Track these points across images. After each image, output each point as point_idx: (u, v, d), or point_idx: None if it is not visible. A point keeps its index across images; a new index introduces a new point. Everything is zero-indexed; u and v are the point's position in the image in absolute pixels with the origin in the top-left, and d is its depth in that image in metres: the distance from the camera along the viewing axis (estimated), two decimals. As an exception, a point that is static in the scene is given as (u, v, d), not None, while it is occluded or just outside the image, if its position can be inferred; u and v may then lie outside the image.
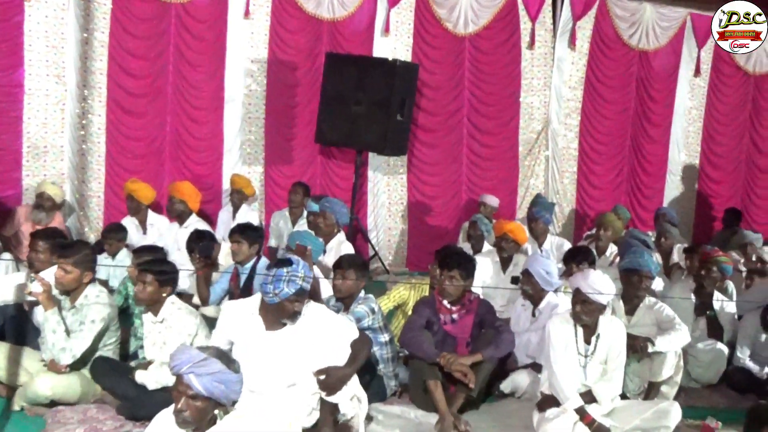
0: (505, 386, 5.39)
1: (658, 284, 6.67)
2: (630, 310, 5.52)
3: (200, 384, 3.12)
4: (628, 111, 10.53)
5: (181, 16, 8.52)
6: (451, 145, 9.74)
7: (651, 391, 5.17)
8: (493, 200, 9.18)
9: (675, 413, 4.70)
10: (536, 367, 5.36)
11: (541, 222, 7.98)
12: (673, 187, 10.93)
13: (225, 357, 3.29)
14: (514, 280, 6.67)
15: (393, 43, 9.32)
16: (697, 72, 10.73)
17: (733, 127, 11.13)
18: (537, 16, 9.81)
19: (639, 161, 10.69)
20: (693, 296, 6.26)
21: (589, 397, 4.68)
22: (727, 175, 11.22)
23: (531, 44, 9.86)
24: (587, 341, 4.77)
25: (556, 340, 4.75)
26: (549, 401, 4.74)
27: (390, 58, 8.65)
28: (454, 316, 5.12)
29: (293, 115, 9.07)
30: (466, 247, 7.66)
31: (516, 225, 7.25)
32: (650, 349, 5.07)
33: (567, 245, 7.96)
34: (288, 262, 4.15)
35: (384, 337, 5.22)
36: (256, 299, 4.31)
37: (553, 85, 10.08)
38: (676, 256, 8.02)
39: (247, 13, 8.72)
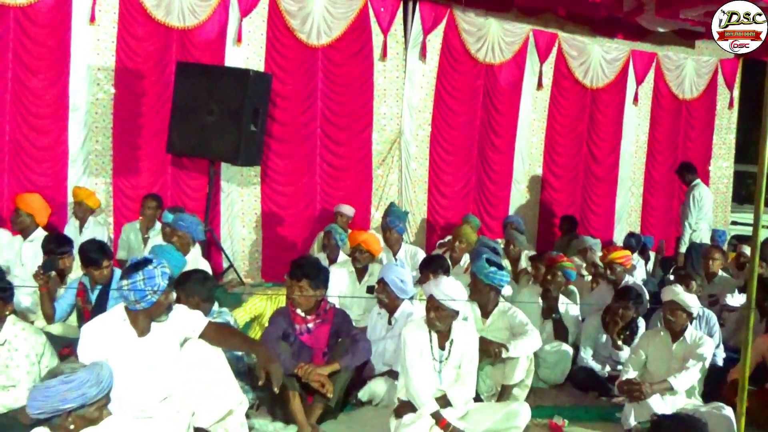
0: (363, 394, 5.45)
1: (507, 290, 6.95)
2: (484, 315, 5.71)
3: None
4: (475, 122, 10.85)
5: (20, 21, 8.10)
6: (304, 155, 9.74)
7: (503, 393, 5.36)
8: (347, 210, 9.26)
9: (524, 414, 4.91)
10: (393, 375, 5.44)
11: (395, 231, 8.12)
12: (518, 196, 11.34)
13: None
14: (370, 289, 6.77)
15: (245, 52, 9.22)
16: (540, 86, 11.20)
17: (572, 138, 11.65)
18: (388, 29, 9.97)
19: (486, 171, 11.03)
20: (540, 300, 6.57)
21: (444, 401, 4.80)
22: (567, 183, 11.73)
23: (383, 56, 10.01)
24: (441, 347, 4.89)
25: (412, 347, 4.85)
26: (406, 407, 4.83)
27: (243, 68, 8.58)
28: (310, 326, 5.12)
29: (142, 125, 8.80)
30: (322, 257, 7.70)
31: (369, 235, 7.34)
32: (504, 355, 5.27)
33: (421, 254, 8.15)
34: (142, 263, 4.06)
35: (240, 350, 5.17)
36: (117, 311, 4.15)
37: (405, 96, 10.26)
38: (524, 262, 8.37)
39: (92, 19, 8.40)
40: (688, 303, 5.53)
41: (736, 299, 7.74)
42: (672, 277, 8.27)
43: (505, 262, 7.86)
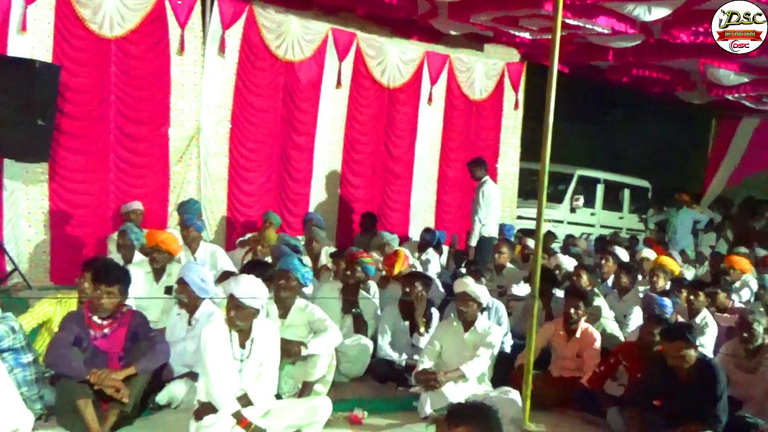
0: (161, 398, 5.33)
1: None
2: (283, 314, 5.74)
3: None
4: (276, 119, 10.82)
5: None
6: (97, 151, 9.28)
7: (305, 390, 5.43)
8: (138, 206, 8.98)
9: (325, 408, 5.00)
10: (193, 376, 5.36)
11: (193, 229, 7.97)
12: (318, 193, 11.44)
13: None
14: (168, 290, 6.61)
15: (31, 41, 8.65)
16: (339, 84, 11.35)
17: (371, 136, 11.92)
18: (186, 22, 9.72)
19: (287, 168, 11.05)
20: (340, 296, 6.69)
21: (245, 400, 4.78)
22: (365, 180, 11.99)
23: (180, 50, 9.75)
24: (242, 345, 4.87)
25: (212, 347, 4.80)
26: (206, 408, 4.77)
27: (28, 58, 8.08)
28: (106, 331, 4.95)
29: None
30: (117, 257, 7.42)
31: (168, 235, 7.16)
32: (304, 353, 5.33)
33: (220, 252, 8.06)
34: None
35: (27, 358, 4.88)
36: None
37: (203, 91, 10.06)
38: (324, 258, 8.48)
39: None
40: (478, 294, 5.85)
41: (521, 289, 8.26)
42: (464, 270, 8.68)
43: (306, 259, 7.92)
